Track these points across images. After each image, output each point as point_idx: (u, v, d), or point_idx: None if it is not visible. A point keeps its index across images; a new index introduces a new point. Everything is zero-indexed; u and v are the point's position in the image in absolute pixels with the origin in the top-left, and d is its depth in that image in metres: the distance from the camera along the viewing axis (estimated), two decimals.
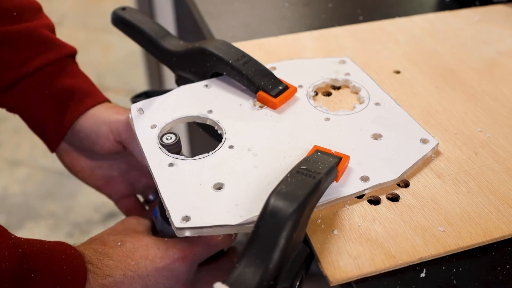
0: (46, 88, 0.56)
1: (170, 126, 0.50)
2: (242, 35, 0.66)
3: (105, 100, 0.58)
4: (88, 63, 1.78)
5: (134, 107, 0.51)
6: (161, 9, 1.22)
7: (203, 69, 0.54)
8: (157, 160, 0.45)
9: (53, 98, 0.56)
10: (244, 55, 0.53)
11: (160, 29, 0.57)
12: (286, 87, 0.52)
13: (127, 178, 0.63)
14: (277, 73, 0.55)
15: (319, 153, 0.43)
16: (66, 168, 0.62)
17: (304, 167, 0.40)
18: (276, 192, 0.37)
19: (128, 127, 0.54)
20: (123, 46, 2.23)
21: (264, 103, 0.51)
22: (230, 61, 0.52)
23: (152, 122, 0.49)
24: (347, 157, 0.44)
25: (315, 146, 0.45)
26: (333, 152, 0.44)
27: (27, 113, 0.57)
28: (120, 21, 0.59)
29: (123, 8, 0.59)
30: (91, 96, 0.57)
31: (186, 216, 0.40)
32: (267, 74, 0.52)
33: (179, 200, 0.42)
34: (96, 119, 0.56)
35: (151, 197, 0.66)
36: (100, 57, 2.25)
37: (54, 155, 0.61)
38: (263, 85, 0.51)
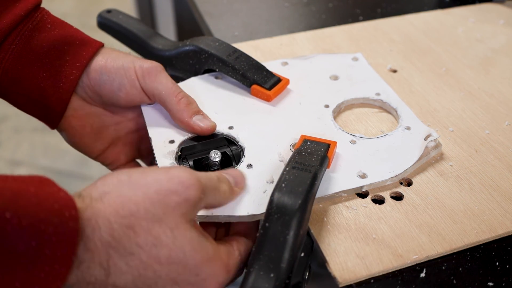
0: (28, 49, 0.47)
1: (189, 140, 0.48)
2: (242, 35, 0.66)
3: (102, 44, 0.51)
4: None
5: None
6: (161, 9, 1.21)
7: (195, 66, 0.54)
8: None
9: (41, 57, 0.48)
10: (235, 50, 0.53)
11: (147, 29, 0.57)
12: (279, 80, 0.53)
13: (133, 139, 0.55)
14: (288, 71, 0.56)
15: (308, 143, 0.43)
16: (69, 138, 0.53)
17: (298, 161, 0.40)
18: (277, 192, 0.37)
19: (152, 72, 0.48)
20: (123, 46, 2.21)
21: (258, 96, 0.52)
22: (223, 57, 0.52)
23: (169, 136, 0.47)
24: (335, 143, 0.44)
25: (302, 135, 0.46)
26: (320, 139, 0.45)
27: (12, 87, 0.48)
28: (107, 24, 0.58)
29: (109, 11, 0.59)
30: (86, 43, 0.49)
31: None
32: (260, 68, 0.53)
33: None
34: (114, 62, 0.48)
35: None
36: None
37: (54, 155, 0.57)
38: (256, 79, 0.52)
